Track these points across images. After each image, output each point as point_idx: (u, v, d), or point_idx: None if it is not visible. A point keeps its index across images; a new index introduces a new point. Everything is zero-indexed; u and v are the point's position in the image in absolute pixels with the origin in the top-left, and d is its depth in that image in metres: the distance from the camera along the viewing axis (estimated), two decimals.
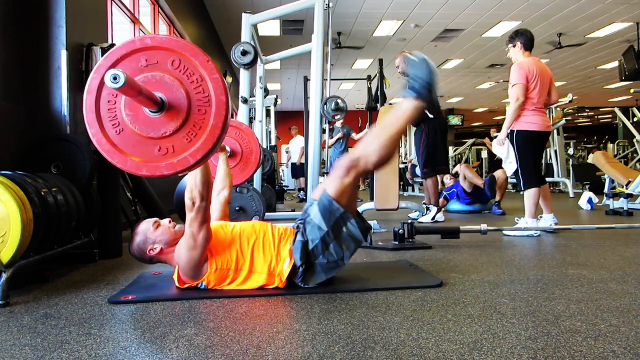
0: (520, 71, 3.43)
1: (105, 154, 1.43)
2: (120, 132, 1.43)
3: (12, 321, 1.56)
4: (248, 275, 1.86)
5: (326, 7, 3.74)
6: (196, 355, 1.24)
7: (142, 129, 1.42)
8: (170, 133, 1.42)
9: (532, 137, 3.46)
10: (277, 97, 8.82)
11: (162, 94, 1.41)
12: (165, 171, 1.43)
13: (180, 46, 1.43)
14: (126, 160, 1.42)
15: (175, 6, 6.36)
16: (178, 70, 1.43)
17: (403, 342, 1.29)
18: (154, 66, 1.43)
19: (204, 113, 1.43)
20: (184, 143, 1.42)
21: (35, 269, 2.18)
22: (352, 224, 1.84)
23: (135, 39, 1.45)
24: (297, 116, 13.82)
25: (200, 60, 1.42)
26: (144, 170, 1.43)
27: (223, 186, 2.33)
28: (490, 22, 9.14)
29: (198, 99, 1.43)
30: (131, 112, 1.42)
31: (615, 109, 9.05)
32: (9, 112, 2.71)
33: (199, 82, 1.43)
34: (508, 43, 3.66)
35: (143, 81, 1.41)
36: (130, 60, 1.43)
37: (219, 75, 1.44)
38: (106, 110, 1.43)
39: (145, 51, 1.43)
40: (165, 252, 1.89)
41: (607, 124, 24.03)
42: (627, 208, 4.80)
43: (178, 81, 1.42)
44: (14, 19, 2.82)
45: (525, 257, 2.60)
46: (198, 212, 1.74)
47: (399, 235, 2.96)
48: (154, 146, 1.43)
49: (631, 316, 1.49)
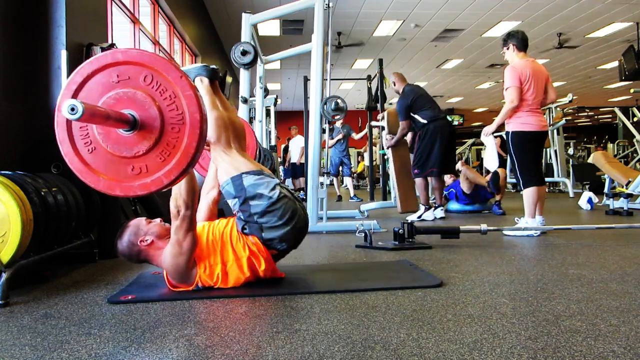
0: (513, 74, 3.46)
1: (78, 173, 1.39)
2: (92, 151, 1.39)
3: (12, 321, 1.56)
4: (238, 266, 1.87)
5: (326, 7, 3.75)
6: (196, 355, 1.24)
7: (114, 148, 1.37)
8: (143, 152, 1.37)
9: (527, 137, 3.48)
10: (277, 97, 8.82)
11: (134, 112, 1.36)
12: (139, 191, 1.39)
13: (153, 61, 1.38)
14: (99, 180, 1.38)
15: (175, 6, 6.35)
16: (151, 86, 1.37)
17: (403, 342, 1.29)
18: (125, 82, 1.38)
19: (177, 131, 1.37)
20: (157, 162, 1.38)
21: (35, 269, 2.19)
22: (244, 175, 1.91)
23: (107, 53, 1.40)
24: (297, 116, 13.82)
25: (174, 76, 1.37)
26: (117, 191, 1.39)
27: (213, 185, 2.24)
28: (490, 22, 9.13)
29: (171, 116, 1.37)
30: (103, 130, 1.37)
31: (615, 109, 9.05)
32: (9, 112, 2.71)
33: (172, 98, 1.37)
34: (502, 46, 3.70)
35: (115, 97, 1.36)
36: (102, 76, 1.38)
37: (192, 92, 1.38)
38: (78, 129, 1.39)
39: (116, 66, 1.38)
40: (156, 246, 1.87)
41: (607, 124, 24.03)
42: (627, 208, 4.79)
43: (150, 98, 1.36)
44: (14, 19, 2.82)
45: (525, 257, 2.60)
46: (183, 220, 1.73)
47: (399, 235, 2.96)
48: (127, 166, 1.38)
49: (631, 316, 1.49)
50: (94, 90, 1.38)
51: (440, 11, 8.53)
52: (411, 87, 4.93)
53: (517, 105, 3.43)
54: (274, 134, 8.76)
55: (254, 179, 1.90)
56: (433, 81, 14.82)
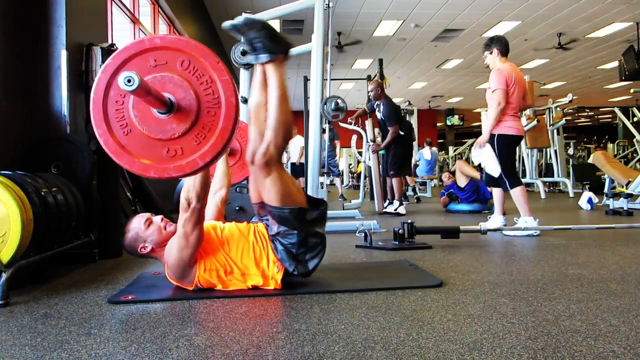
0: (500, 76, 3.53)
1: (113, 155, 1.40)
2: (128, 133, 1.40)
3: (12, 321, 1.56)
4: (243, 279, 1.86)
5: (326, 7, 3.74)
6: (196, 355, 1.23)
7: (150, 130, 1.39)
8: (179, 135, 1.40)
9: (511, 141, 3.60)
10: None
11: (171, 95, 1.39)
12: (174, 173, 1.41)
13: (190, 47, 1.41)
14: (134, 162, 1.40)
15: (175, 6, 6.35)
16: (187, 71, 1.41)
17: (403, 342, 1.29)
18: (163, 67, 1.41)
19: (213, 115, 1.41)
20: (192, 145, 1.40)
21: (35, 269, 2.18)
22: (308, 212, 1.84)
23: (144, 39, 1.42)
24: (297, 116, 13.78)
25: (211, 62, 1.40)
26: (152, 172, 1.41)
27: (221, 185, 2.29)
28: (490, 22, 9.13)
29: (207, 100, 1.41)
30: (139, 112, 1.39)
31: (615, 109, 9.06)
32: (9, 112, 2.71)
33: (208, 83, 1.41)
34: (485, 50, 3.76)
35: (152, 82, 1.38)
36: (139, 60, 1.40)
37: (229, 77, 1.42)
38: (114, 111, 1.40)
39: (154, 51, 1.41)
40: (157, 250, 1.88)
41: (607, 124, 24.03)
42: (627, 208, 4.79)
43: (187, 82, 1.40)
44: (14, 19, 2.82)
45: (525, 257, 2.60)
46: (193, 213, 1.73)
47: (399, 235, 2.96)
48: (162, 148, 1.40)
49: (631, 316, 1.49)
50: None
51: (440, 11, 8.53)
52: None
53: (504, 107, 3.52)
54: None
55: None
56: (433, 81, 14.82)
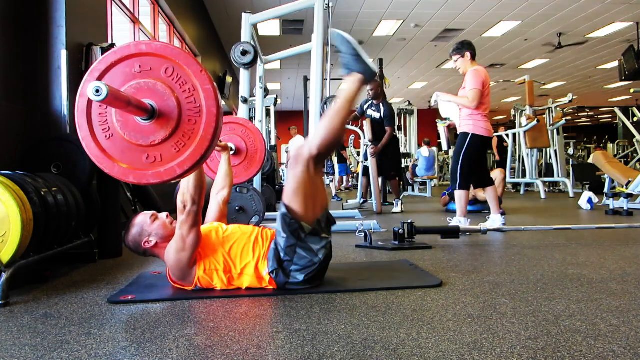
0: (478, 78, 3.65)
1: (94, 158, 1.42)
2: (110, 138, 1.42)
3: (12, 321, 1.56)
4: (240, 280, 1.86)
5: (326, 7, 3.75)
6: (196, 355, 1.24)
7: (131, 136, 1.41)
8: (159, 141, 1.41)
9: (484, 142, 3.73)
10: (277, 97, 8.82)
11: (153, 102, 1.40)
12: (152, 179, 1.41)
13: (175, 54, 1.41)
14: (114, 166, 1.41)
15: (175, 6, 6.36)
16: (171, 78, 1.42)
17: (403, 342, 1.29)
18: (147, 73, 1.42)
19: (194, 123, 1.41)
20: (172, 152, 1.41)
21: (35, 269, 2.18)
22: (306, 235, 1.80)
23: (130, 44, 1.43)
24: (297, 116, 13.82)
25: (194, 70, 1.41)
26: (131, 177, 1.42)
27: (223, 186, 2.30)
28: (490, 22, 9.14)
29: (189, 108, 1.41)
30: (122, 118, 1.41)
31: (615, 109, 9.05)
32: (9, 112, 2.71)
33: (191, 91, 1.41)
34: (455, 54, 3.83)
35: (135, 87, 1.40)
36: (125, 66, 1.42)
37: (211, 86, 1.41)
38: (97, 115, 1.42)
39: (139, 57, 1.41)
40: (160, 246, 1.88)
41: (607, 124, 24.05)
42: (627, 208, 4.79)
43: (170, 89, 1.40)
44: (14, 19, 2.82)
45: (525, 257, 2.60)
46: (189, 215, 1.74)
47: (399, 235, 2.96)
48: (142, 154, 1.41)
49: (631, 316, 1.49)
50: (116, 78, 1.41)
51: (440, 11, 8.53)
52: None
53: (474, 107, 3.64)
54: (274, 134, 8.76)
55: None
56: (433, 81, 14.83)
